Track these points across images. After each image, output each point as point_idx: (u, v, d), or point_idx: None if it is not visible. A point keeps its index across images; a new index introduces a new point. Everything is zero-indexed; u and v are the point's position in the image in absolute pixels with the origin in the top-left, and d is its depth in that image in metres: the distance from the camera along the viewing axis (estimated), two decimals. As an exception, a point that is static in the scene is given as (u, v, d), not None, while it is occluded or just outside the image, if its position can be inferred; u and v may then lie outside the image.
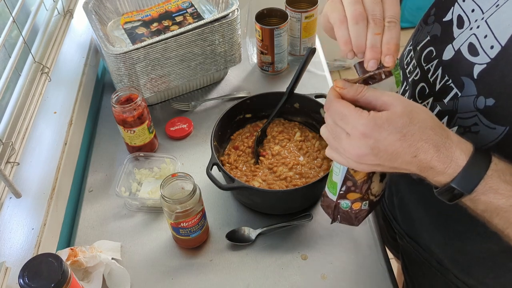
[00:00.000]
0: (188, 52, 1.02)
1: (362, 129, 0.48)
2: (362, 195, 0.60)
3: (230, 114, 0.95)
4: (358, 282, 0.78)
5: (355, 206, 0.62)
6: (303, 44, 1.20)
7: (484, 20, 0.52)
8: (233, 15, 1.03)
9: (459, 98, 0.56)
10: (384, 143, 0.48)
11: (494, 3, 0.52)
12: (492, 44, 0.51)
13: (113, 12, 1.13)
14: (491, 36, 0.51)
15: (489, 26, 0.51)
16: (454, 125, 0.57)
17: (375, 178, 0.60)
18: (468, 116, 0.54)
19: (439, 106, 0.59)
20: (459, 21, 0.57)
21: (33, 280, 0.59)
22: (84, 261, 0.76)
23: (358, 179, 0.58)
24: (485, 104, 0.52)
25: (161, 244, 0.86)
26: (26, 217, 0.77)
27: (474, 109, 0.53)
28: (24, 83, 0.93)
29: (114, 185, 0.89)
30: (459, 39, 0.56)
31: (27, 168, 0.84)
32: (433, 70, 0.61)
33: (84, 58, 1.10)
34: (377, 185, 0.61)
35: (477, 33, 0.53)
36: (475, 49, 0.53)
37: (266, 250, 0.84)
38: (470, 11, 0.56)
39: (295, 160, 0.91)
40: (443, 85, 0.58)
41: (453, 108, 0.56)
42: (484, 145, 0.53)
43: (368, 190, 0.60)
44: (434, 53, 0.61)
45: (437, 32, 0.62)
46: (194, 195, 0.75)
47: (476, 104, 0.53)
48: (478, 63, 0.53)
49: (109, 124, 1.08)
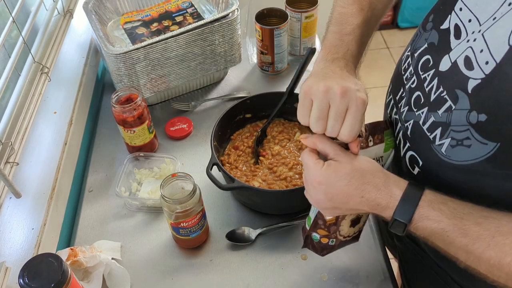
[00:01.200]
0: (188, 52, 1.02)
1: (318, 178, 0.59)
2: (329, 233, 0.69)
3: (230, 114, 0.95)
4: (358, 282, 0.78)
5: (323, 240, 0.71)
6: (303, 44, 1.20)
7: (481, 34, 0.52)
8: (233, 15, 1.03)
9: (453, 111, 0.56)
10: (335, 188, 0.58)
11: (491, 16, 0.51)
12: (487, 60, 0.51)
13: (113, 12, 1.13)
14: (486, 51, 0.51)
15: (486, 40, 0.51)
16: (446, 137, 0.57)
17: (345, 223, 0.69)
18: (461, 129, 0.55)
19: (433, 117, 0.59)
20: (456, 30, 0.57)
21: (33, 280, 0.59)
22: (84, 261, 0.76)
23: (327, 220, 0.68)
24: (478, 119, 0.52)
25: (161, 244, 0.86)
26: (26, 217, 0.77)
27: (466, 123, 0.54)
28: (24, 83, 0.93)
29: (114, 185, 0.89)
30: (456, 50, 0.56)
31: (27, 168, 0.84)
32: (429, 79, 0.61)
33: (84, 58, 1.10)
34: (347, 228, 0.70)
35: (473, 47, 0.53)
36: (471, 63, 0.53)
37: (266, 250, 0.84)
38: (467, 21, 0.55)
39: (295, 160, 0.91)
40: (437, 96, 0.58)
41: (446, 121, 0.57)
42: (475, 159, 0.54)
43: (337, 231, 0.69)
44: (431, 62, 0.61)
45: (434, 40, 0.61)
46: (194, 195, 0.75)
47: (468, 119, 0.53)
48: (473, 78, 0.53)
49: (109, 124, 1.08)
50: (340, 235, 0.72)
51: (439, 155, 0.58)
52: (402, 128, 0.66)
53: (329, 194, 0.59)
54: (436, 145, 0.58)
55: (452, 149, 0.56)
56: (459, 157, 0.56)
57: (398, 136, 0.67)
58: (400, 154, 0.67)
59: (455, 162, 0.57)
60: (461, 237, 0.53)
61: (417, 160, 0.63)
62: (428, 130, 0.60)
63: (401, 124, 0.66)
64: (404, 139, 0.65)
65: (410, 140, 0.64)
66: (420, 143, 0.62)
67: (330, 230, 0.71)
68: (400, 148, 0.67)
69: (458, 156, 0.56)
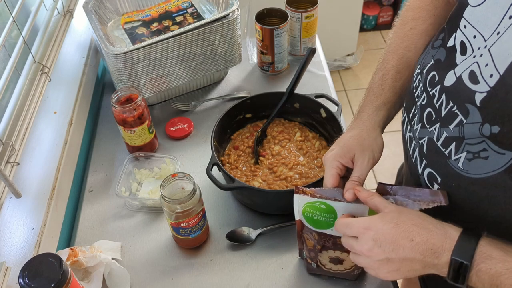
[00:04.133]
0: (188, 52, 1.02)
1: (363, 224, 0.59)
2: (311, 257, 0.75)
3: (230, 114, 0.96)
4: (358, 282, 0.78)
5: (309, 260, 0.76)
6: (303, 44, 1.20)
7: (487, 49, 0.52)
8: (233, 15, 1.03)
9: (464, 125, 0.56)
10: (382, 232, 0.56)
11: (494, 31, 0.52)
12: (491, 73, 0.51)
13: (113, 12, 1.13)
14: (491, 64, 0.51)
15: (491, 55, 0.52)
16: (462, 151, 0.56)
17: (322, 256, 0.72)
18: (476, 142, 0.54)
19: (446, 132, 0.59)
20: (462, 47, 0.57)
21: (33, 280, 0.59)
22: (84, 261, 0.76)
23: (307, 243, 0.73)
24: (491, 131, 0.52)
25: (161, 244, 0.86)
26: (26, 217, 0.77)
27: (480, 136, 0.54)
28: (24, 83, 0.93)
29: (114, 185, 0.89)
30: (462, 66, 0.56)
31: (27, 168, 0.84)
32: (438, 95, 0.61)
33: (84, 58, 1.10)
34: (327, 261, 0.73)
35: (479, 62, 0.53)
36: (476, 77, 0.54)
37: (266, 250, 0.84)
38: (472, 38, 0.56)
39: (295, 160, 0.91)
40: (448, 111, 0.58)
41: (459, 135, 0.56)
42: (494, 170, 0.53)
43: (317, 258, 0.74)
44: (436, 78, 0.61)
45: (441, 57, 0.62)
46: (194, 195, 0.75)
47: (482, 131, 0.53)
48: (479, 91, 0.53)
49: (109, 124, 1.08)
50: (321, 263, 0.75)
51: (456, 170, 0.58)
52: (417, 146, 0.65)
53: (378, 239, 0.56)
54: (452, 160, 0.58)
55: (469, 162, 0.56)
56: (477, 170, 0.55)
57: (414, 154, 0.67)
58: (418, 172, 0.66)
59: (474, 175, 0.56)
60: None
61: (435, 177, 0.62)
62: (443, 145, 0.59)
63: (416, 142, 0.66)
64: (421, 157, 0.65)
65: (426, 157, 0.63)
66: (436, 159, 0.61)
67: (310, 254, 0.75)
68: (417, 166, 0.66)
69: (476, 170, 0.55)
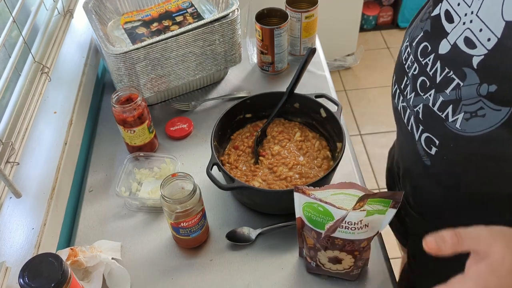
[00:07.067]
0: (188, 52, 1.02)
1: (481, 283, 0.46)
2: (310, 256, 0.75)
3: (230, 114, 0.95)
4: (358, 282, 0.78)
5: (308, 259, 0.76)
6: (303, 44, 1.20)
7: (475, 15, 0.55)
8: (233, 15, 1.03)
9: (462, 88, 0.58)
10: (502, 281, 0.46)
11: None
12: (489, 37, 0.54)
13: (113, 12, 1.13)
14: (486, 29, 0.54)
15: (482, 20, 0.54)
16: (459, 113, 0.59)
17: (321, 255, 0.72)
18: (472, 102, 0.57)
19: (442, 96, 0.61)
20: (447, 15, 0.60)
21: (33, 280, 0.59)
22: (84, 261, 0.76)
23: (307, 242, 0.72)
24: (488, 90, 0.55)
25: (161, 244, 0.86)
26: (26, 217, 0.77)
27: (477, 96, 0.56)
28: (24, 83, 0.93)
29: (114, 185, 0.89)
30: (454, 33, 0.59)
31: (27, 168, 0.84)
32: (431, 64, 0.63)
33: (84, 58, 1.10)
34: (325, 261, 0.73)
35: (471, 27, 0.56)
36: (472, 42, 0.56)
37: (266, 250, 0.84)
38: (456, 5, 0.58)
39: (295, 160, 0.91)
40: (444, 77, 0.61)
41: (456, 98, 0.59)
42: (491, 126, 0.56)
43: (316, 257, 0.73)
44: (429, 48, 0.63)
45: (428, 28, 0.64)
46: (194, 195, 0.75)
47: (479, 91, 0.56)
48: (476, 55, 0.55)
49: (109, 124, 1.08)
50: (320, 263, 0.75)
51: (454, 131, 0.60)
52: (412, 114, 0.67)
53: None
54: (449, 122, 0.60)
55: (467, 122, 0.58)
56: (475, 128, 0.57)
57: (410, 122, 0.69)
58: (415, 139, 0.68)
59: (472, 134, 0.58)
60: None
61: (433, 141, 0.64)
62: (439, 109, 0.61)
63: (410, 110, 0.68)
64: (417, 123, 0.67)
65: (422, 123, 0.65)
66: (433, 123, 0.63)
67: (310, 253, 0.74)
68: (414, 133, 0.68)
69: (474, 127, 0.57)
